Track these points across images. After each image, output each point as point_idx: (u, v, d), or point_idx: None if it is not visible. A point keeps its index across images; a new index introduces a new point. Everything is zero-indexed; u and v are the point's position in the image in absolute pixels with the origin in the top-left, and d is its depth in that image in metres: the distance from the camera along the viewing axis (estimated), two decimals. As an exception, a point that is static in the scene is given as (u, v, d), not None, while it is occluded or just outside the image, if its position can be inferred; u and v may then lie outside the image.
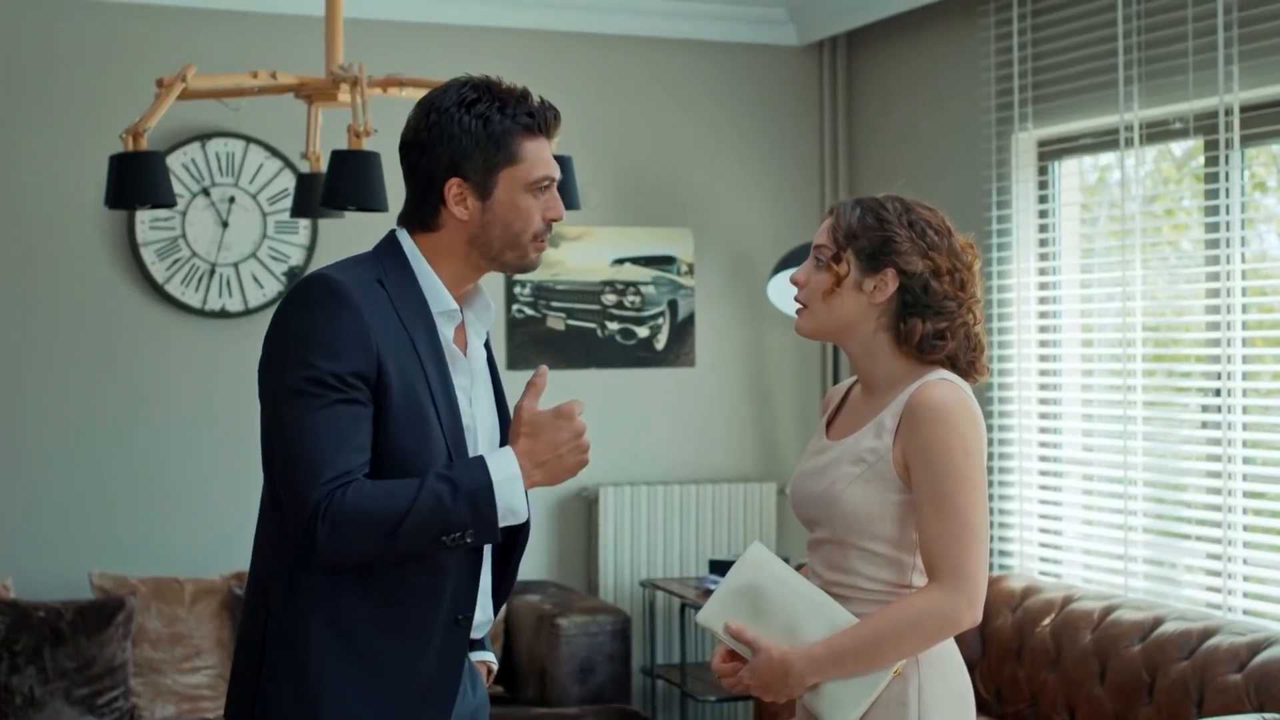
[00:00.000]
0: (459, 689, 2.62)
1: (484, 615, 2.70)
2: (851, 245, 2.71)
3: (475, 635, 2.71)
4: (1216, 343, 4.91)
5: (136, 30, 5.86)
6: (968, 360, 2.75)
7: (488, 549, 2.63)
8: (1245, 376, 4.85)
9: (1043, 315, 5.68)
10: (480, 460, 2.48)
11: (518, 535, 2.70)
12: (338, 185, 3.88)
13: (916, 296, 2.69)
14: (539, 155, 2.58)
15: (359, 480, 2.43)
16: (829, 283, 2.71)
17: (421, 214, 2.61)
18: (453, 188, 2.57)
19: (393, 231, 2.65)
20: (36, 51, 5.78)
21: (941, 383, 2.67)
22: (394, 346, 2.49)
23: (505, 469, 2.47)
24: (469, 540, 2.46)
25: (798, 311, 2.79)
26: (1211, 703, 4.28)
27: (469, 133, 2.54)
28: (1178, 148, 5.23)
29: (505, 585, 2.74)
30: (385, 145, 4.32)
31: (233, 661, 2.66)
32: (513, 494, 2.47)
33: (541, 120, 2.59)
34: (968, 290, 2.73)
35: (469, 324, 2.68)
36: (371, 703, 2.52)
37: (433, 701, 2.57)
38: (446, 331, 2.60)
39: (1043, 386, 5.68)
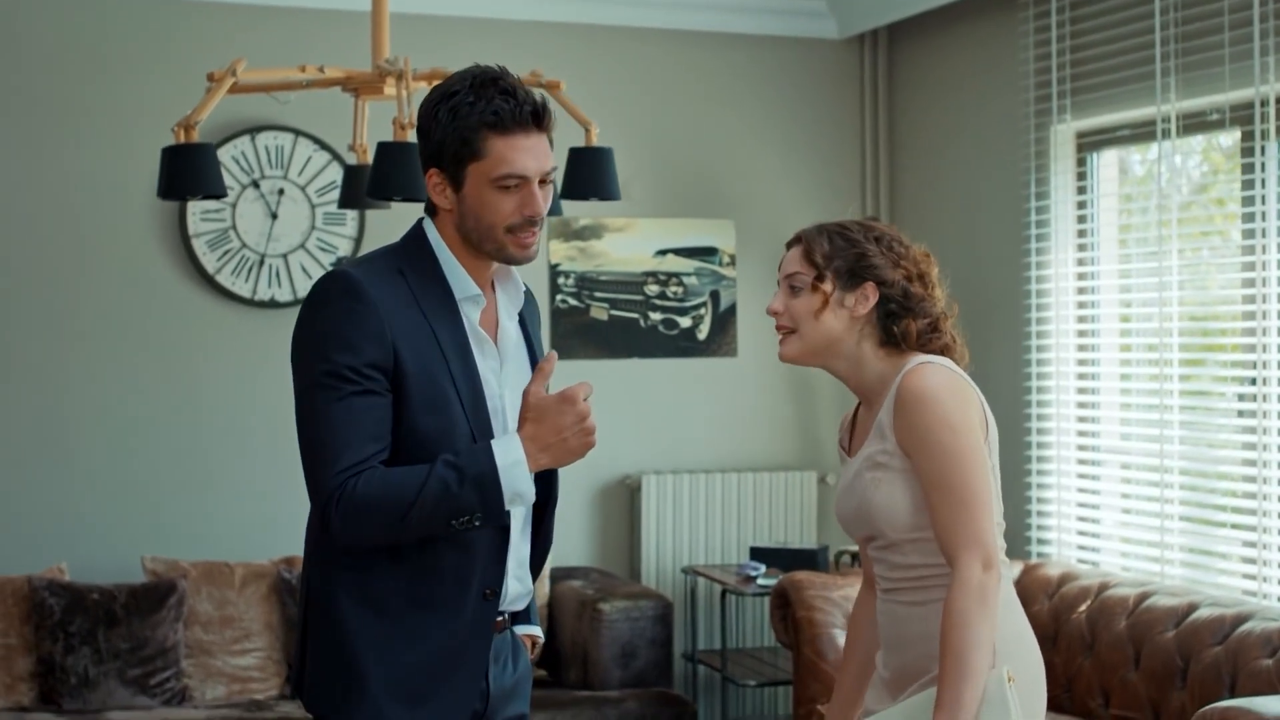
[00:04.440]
0: (493, 653, 2.71)
1: (522, 587, 2.78)
2: (829, 266, 2.81)
3: (516, 607, 2.80)
4: (1252, 332, 4.94)
5: (188, 25, 5.97)
6: (953, 351, 2.88)
7: (516, 523, 2.71)
8: (1281, 365, 4.89)
9: (1081, 306, 5.72)
10: (487, 446, 2.56)
11: (547, 502, 2.79)
12: (383, 176, 3.97)
13: (899, 302, 2.82)
14: (504, 152, 2.58)
15: (371, 469, 2.53)
16: (817, 303, 2.82)
17: (428, 200, 2.71)
18: (432, 177, 2.65)
19: (420, 221, 2.73)
20: (90, 47, 5.91)
21: (921, 368, 2.78)
22: (412, 335, 2.58)
23: (510, 454, 2.55)
24: (477, 524, 2.56)
25: (782, 340, 2.89)
26: (1244, 687, 4.32)
27: (442, 125, 2.60)
28: (1225, 139, 5.26)
29: (539, 553, 2.83)
30: (430, 137, 4.42)
31: (297, 628, 2.79)
32: (517, 478, 2.55)
33: (511, 117, 2.58)
34: (936, 293, 2.87)
35: (500, 305, 2.75)
36: (410, 669, 2.62)
37: (465, 668, 2.68)
38: (472, 316, 2.68)
39: (1081, 376, 5.72)
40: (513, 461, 2.54)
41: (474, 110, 2.58)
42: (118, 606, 5.43)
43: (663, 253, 6.61)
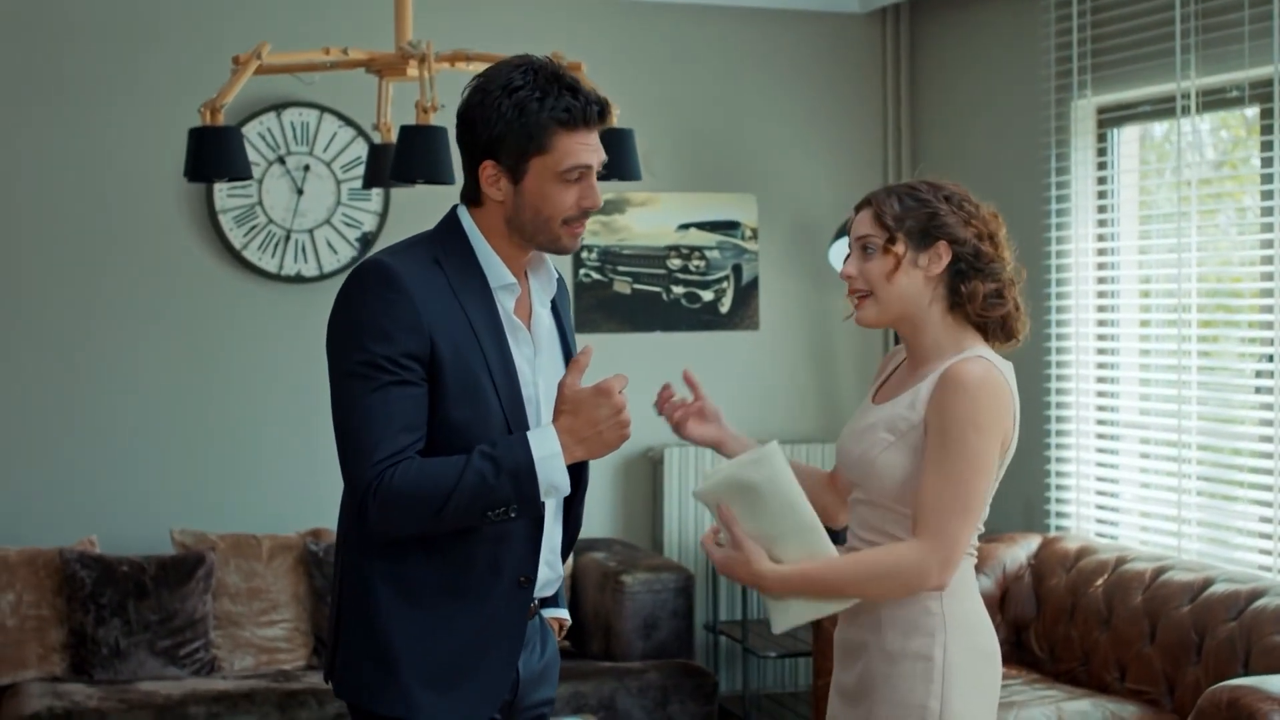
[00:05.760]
0: (524, 640, 2.76)
1: (553, 573, 2.82)
2: (900, 227, 2.82)
3: (547, 593, 2.84)
4: (1270, 309, 4.97)
5: (215, 3, 6.03)
6: (1013, 320, 2.89)
7: (549, 510, 2.74)
8: (1298, 342, 4.91)
9: (1101, 281, 5.75)
10: (523, 438, 2.58)
11: (576, 488, 2.80)
12: (406, 160, 4.02)
13: (969, 262, 2.83)
14: (571, 147, 2.63)
15: (408, 460, 2.55)
16: (889, 266, 2.83)
17: (469, 189, 2.72)
18: (487, 169, 2.66)
19: (454, 208, 2.76)
20: (121, 26, 5.96)
21: (977, 360, 2.79)
22: (448, 325, 2.60)
23: (547, 446, 2.57)
24: (513, 515, 2.58)
25: (857, 304, 2.88)
26: (1258, 663, 4.36)
27: (505, 119, 2.62)
28: (1250, 110, 5.27)
29: (569, 538, 2.86)
30: (452, 120, 4.45)
31: (329, 612, 2.83)
32: (553, 470, 2.57)
33: (580, 115, 2.64)
34: (1005, 254, 2.89)
35: (533, 293, 2.78)
36: (444, 657, 2.66)
37: (497, 655, 2.72)
38: (507, 304, 2.70)
39: (1100, 351, 5.75)
40: (549, 454, 2.57)
41: (544, 106, 2.61)
42: (147, 578, 5.52)
43: (685, 227, 6.65)
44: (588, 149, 2.66)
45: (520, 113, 2.61)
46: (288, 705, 5.30)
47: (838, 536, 2.90)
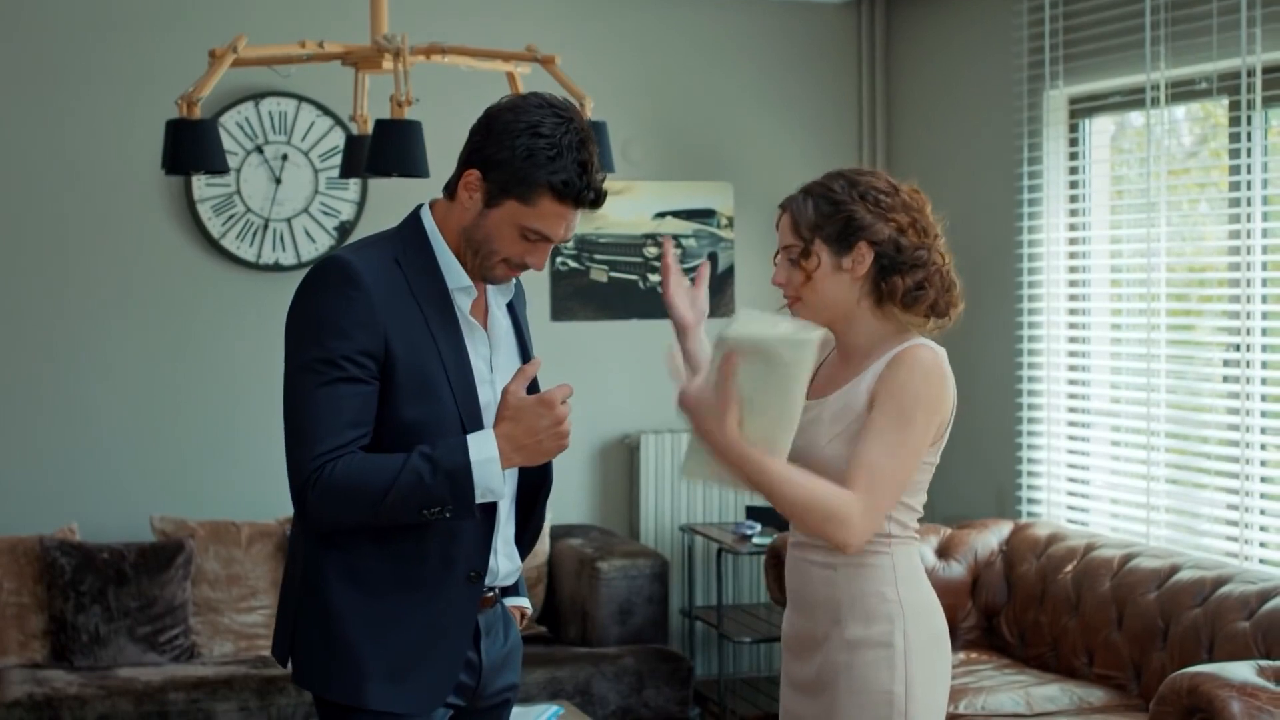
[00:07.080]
0: (475, 631, 2.81)
1: (511, 564, 2.87)
2: (818, 235, 2.86)
3: (507, 583, 2.90)
4: (1237, 299, 5.03)
5: (192, -7, 6.07)
6: (945, 300, 2.91)
7: (504, 505, 2.80)
8: (1265, 333, 4.97)
9: (1072, 270, 5.81)
10: (463, 441, 2.63)
11: (542, 485, 2.87)
12: (381, 153, 4.06)
13: (891, 258, 2.86)
14: (548, 214, 2.67)
15: (350, 455, 2.62)
16: (803, 277, 2.88)
17: (451, 180, 2.77)
18: (471, 176, 2.70)
19: (418, 209, 2.81)
20: (98, 17, 5.98)
21: (924, 347, 2.85)
22: (404, 324, 2.66)
23: (484, 451, 2.62)
24: (448, 515, 2.63)
25: (790, 308, 2.94)
26: (1221, 649, 4.43)
27: (513, 152, 2.65)
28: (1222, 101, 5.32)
29: (531, 532, 2.92)
30: (427, 113, 4.49)
31: (279, 594, 2.89)
32: (489, 475, 2.62)
33: (574, 195, 2.67)
34: (930, 233, 2.90)
35: (490, 294, 2.83)
36: (396, 647, 2.72)
37: (448, 647, 2.77)
38: (464, 305, 2.75)
39: (1071, 339, 5.81)
40: (486, 458, 2.61)
41: (550, 165, 2.64)
42: (127, 566, 5.56)
43: (661, 215, 6.69)
44: (562, 224, 2.70)
45: (527, 157, 2.65)
46: (266, 691, 5.35)
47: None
